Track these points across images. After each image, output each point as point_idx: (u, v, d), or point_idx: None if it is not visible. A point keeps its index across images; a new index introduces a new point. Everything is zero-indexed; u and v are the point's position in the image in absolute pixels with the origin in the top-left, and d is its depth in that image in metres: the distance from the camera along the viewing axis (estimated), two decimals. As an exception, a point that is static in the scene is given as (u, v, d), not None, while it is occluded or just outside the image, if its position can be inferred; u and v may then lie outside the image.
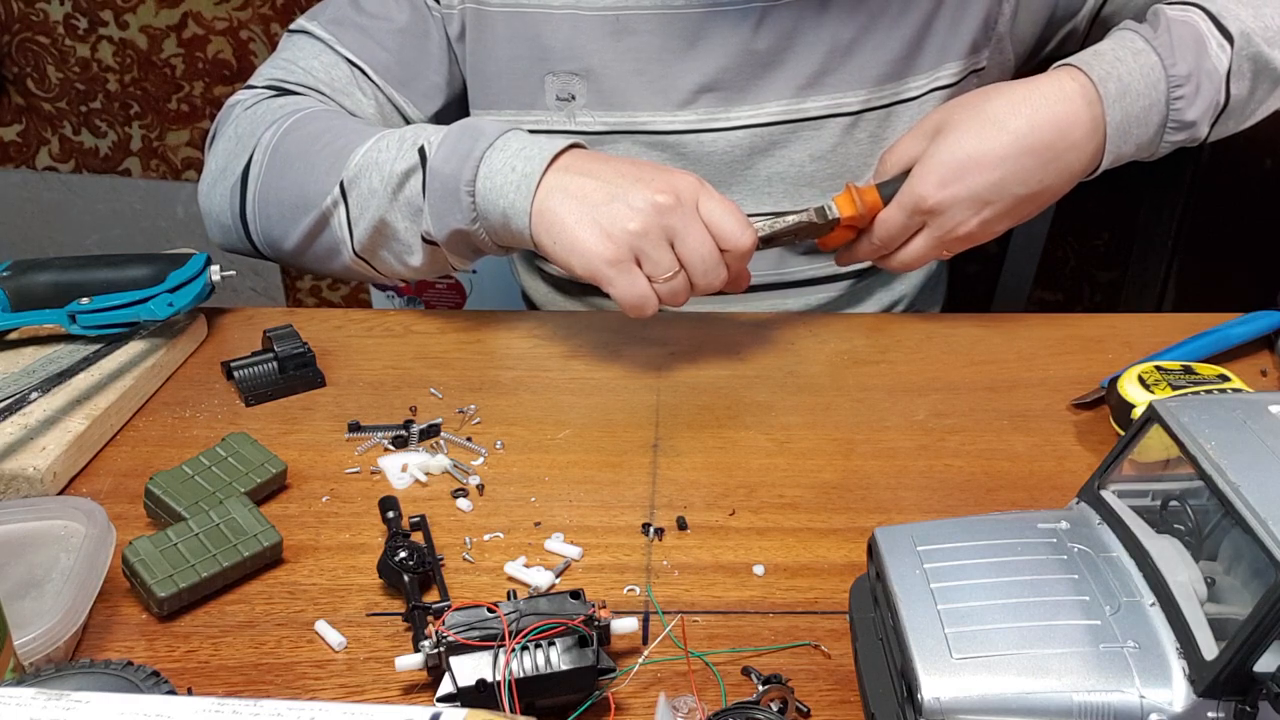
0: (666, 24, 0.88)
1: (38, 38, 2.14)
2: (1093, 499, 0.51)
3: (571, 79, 0.91)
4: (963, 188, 0.77)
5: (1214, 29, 0.81)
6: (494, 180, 0.74)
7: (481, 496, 0.67)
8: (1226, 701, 0.40)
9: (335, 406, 0.77)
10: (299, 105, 0.88)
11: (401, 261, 0.82)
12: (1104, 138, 0.78)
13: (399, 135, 0.79)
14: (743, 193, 0.94)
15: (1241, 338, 0.80)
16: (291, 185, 0.83)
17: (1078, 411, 0.75)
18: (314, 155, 0.82)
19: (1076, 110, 0.77)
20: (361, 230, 0.81)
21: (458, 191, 0.75)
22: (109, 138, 2.23)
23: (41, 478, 0.65)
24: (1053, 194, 0.80)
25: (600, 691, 0.50)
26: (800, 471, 0.69)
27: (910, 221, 0.80)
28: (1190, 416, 0.47)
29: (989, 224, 0.79)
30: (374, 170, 0.78)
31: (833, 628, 0.56)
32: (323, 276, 2.05)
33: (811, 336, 0.85)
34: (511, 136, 0.76)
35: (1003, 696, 0.41)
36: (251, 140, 0.86)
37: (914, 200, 0.79)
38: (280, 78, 0.92)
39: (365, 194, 0.79)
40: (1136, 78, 0.78)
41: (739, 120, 0.91)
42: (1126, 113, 0.78)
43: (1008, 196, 0.78)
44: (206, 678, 0.53)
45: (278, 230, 0.86)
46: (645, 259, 0.71)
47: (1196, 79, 0.79)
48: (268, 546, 0.59)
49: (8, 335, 0.81)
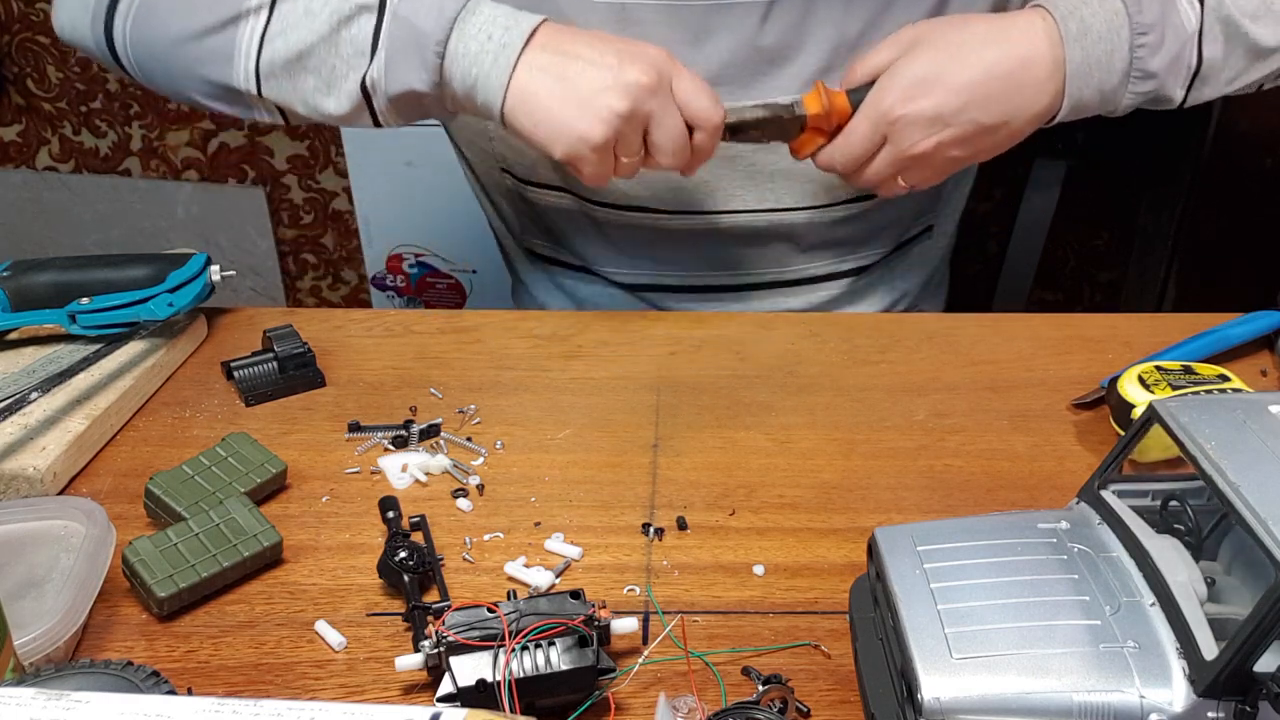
0: (672, 15, 0.88)
1: (38, 38, 2.14)
2: (1093, 499, 0.51)
3: None
4: (926, 104, 0.77)
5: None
6: (468, 45, 0.71)
7: (481, 496, 0.67)
8: (1226, 701, 0.40)
9: (335, 406, 0.77)
10: None
11: (311, 101, 0.75)
12: (1064, 79, 0.78)
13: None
14: (745, 186, 0.94)
15: (1241, 338, 0.80)
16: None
17: (1078, 411, 0.75)
18: None
19: (1040, 48, 0.78)
20: (276, 51, 0.74)
21: (424, 49, 0.71)
22: (109, 138, 2.23)
23: (41, 478, 0.65)
24: (1010, 133, 0.80)
25: (600, 691, 0.50)
26: (800, 471, 0.69)
27: (874, 133, 0.79)
28: (1190, 416, 0.47)
29: (944, 147, 0.79)
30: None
31: (833, 628, 0.56)
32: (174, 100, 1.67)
33: (811, 336, 0.85)
34: (485, 2, 0.73)
35: (1003, 696, 0.41)
36: None
37: (877, 111, 0.78)
38: None
39: (300, 12, 0.72)
40: (1099, 20, 0.78)
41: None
42: (1087, 54, 0.78)
43: (967, 122, 0.78)
44: (206, 678, 0.53)
45: (163, 12, 0.76)
46: (622, 140, 0.72)
47: (1161, 29, 0.78)
48: (268, 546, 0.59)
49: (8, 335, 0.81)
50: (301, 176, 2.21)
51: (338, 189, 2.20)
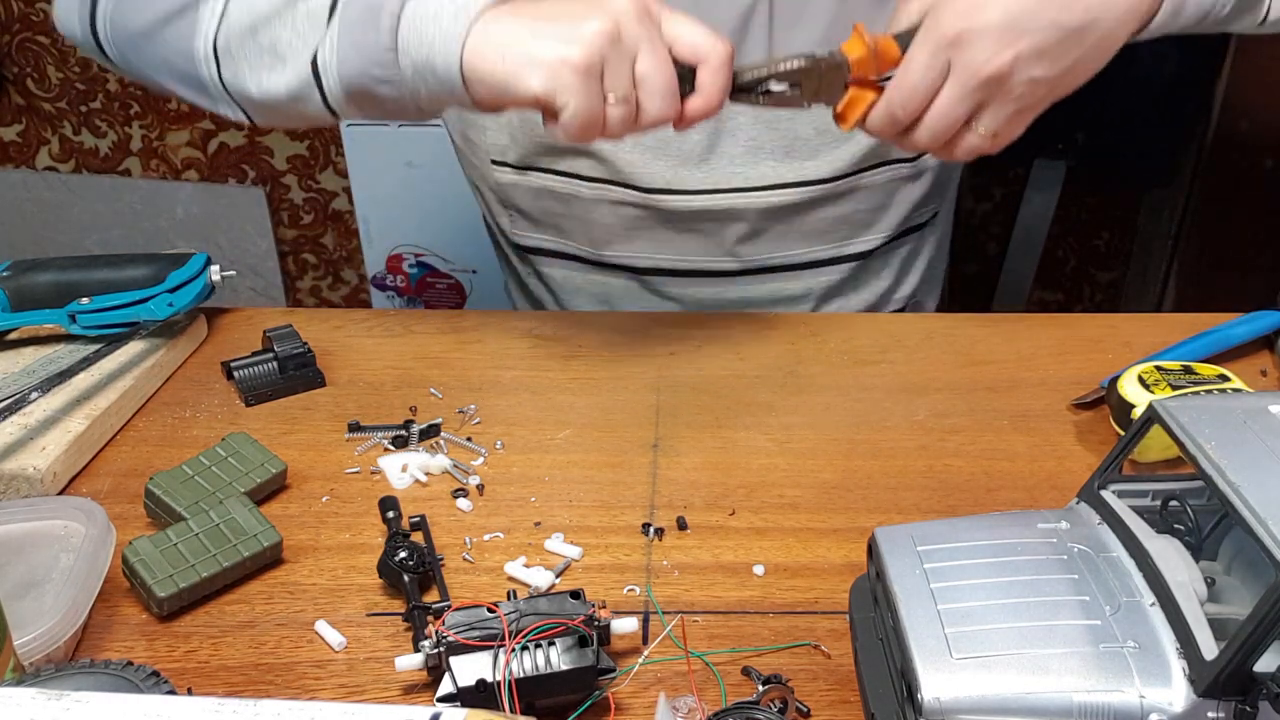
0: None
1: (38, 38, 2.15)
2: (1093, 499, 0.51)
3: None
4: (994, 13, 0.66)
5: None
6: (426, 6, 0.66)
7: (481, 496, 0.67)
8: (1226, 701, 0.40)
9: (335, 406, 0.77)
10: None
11: (256, 79, 0.72)
12: None
13: None
14: (745, 163, 0.92)
15: (1241, 338, 0.80)
16: None
17: (1078, 411, 0.75)
18: None
19: None
20: (231, 26, 0.71)
21: (379, 16, 0.66)
22: (109, 138, 2.23)
23: (41, 478, 0.65)
24: (1101, 38, 0.68)
25: (600, 691, 0.50)
26: (800, 471, 0.69)
27: (935, 59, 0.67)
28: (1190, 416, 0.47)
29: (1024, 63, 0.67)
30: None
31: (833, 628, 0.56)
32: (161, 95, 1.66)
33: (812, 336, 0.85)
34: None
35: (1003, 696, 0.41)
36: None
37: (936, 31, 0.67)
38: None
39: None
40: None
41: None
42: None
43: (1047, 25, 0.67)
44: (206, 678, 0.53)
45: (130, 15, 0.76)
46: (610, 70, 0.63)
47: None
48: (268, 546, 0.59)
49: (8, 335, 0.81)
50: (301, 176, 2.21)
51: (338, 189, 2.20)
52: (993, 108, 0.69)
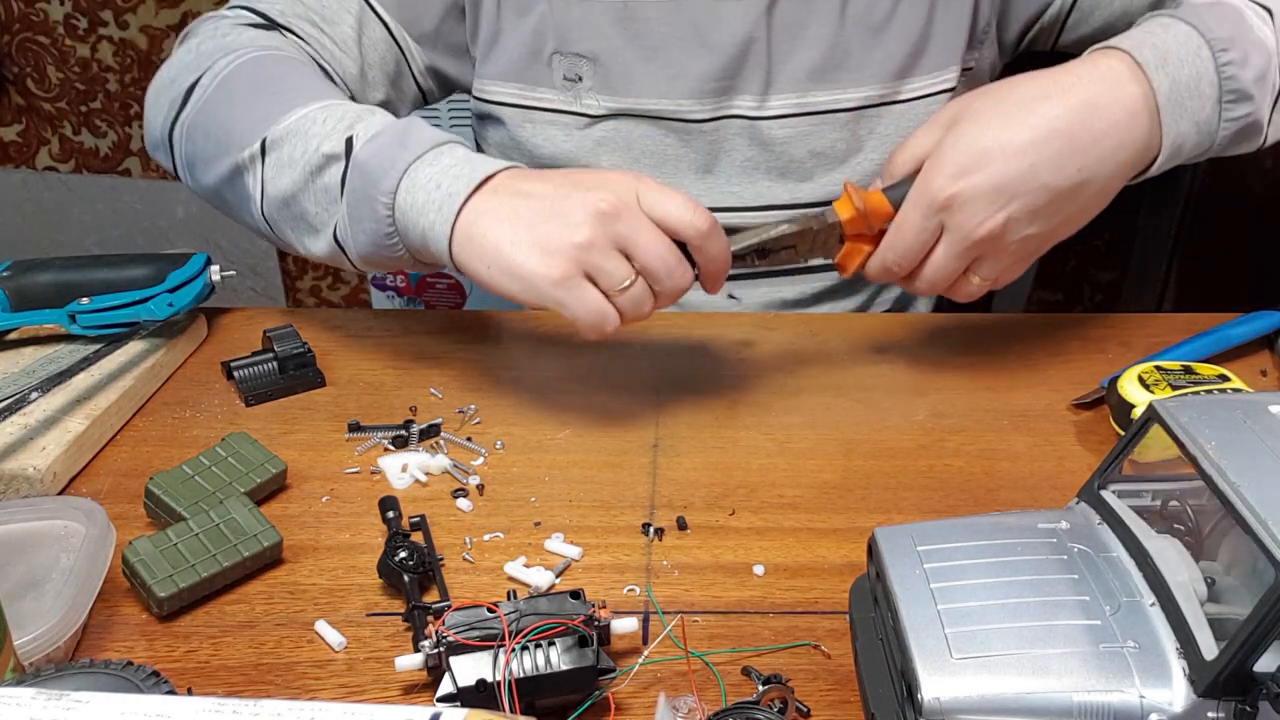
0: (674, 10, 0.88)
1: (38, 38, 2.15)
2: (1093, 499, 0.51)
3: (579, 61, 0.90)
4: (982, 177, 0.67)
5: (1248, 3, 0.73)
6: (415, 196, 0.67)
7: (481, 496, 0.67)
8: (1226, 701, 0.40)
9: (335, 406, 0.77)
10: (268, 44, 0.83)
11: (302, 243, 0.76)
12: (1155, 114, 0.68)
13: (341, 112, 0.73)
14: (741, 183, 0.94)
15: (1241, 338, 0.80)
16: (222, 123, 0.78)
17: (1078, 411, 0.75)
18: (254, 99, 0.77)
19: (1115, 86, 0.68)
20: (271, 196, 0.76)
21: (375, 200, 0.69)
22: (109, 138, 2.23)
23: (41, 478, 0.65)
24: (1096, 193, 0.69)
25: (600, 691, 0.50)
26: (800, 471, 0.69)
27: (927, 223, 0.69)
28: (1190, 416, 0.47)
29: (1016, 224, 0.68)
30: (300, 140, 0.73)
31: (833, 628, 0.56)
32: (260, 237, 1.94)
33: (812, 337, 0.85)
34: (445, 150, 0.69)
35: (1003, 696, 0.41)
36: (208, 62, 0.81)
37: (927, 194, 0.69)
38: (269, 3, 0.87)
39: (284, 161, 0.74)
40: (1173, 45, 0.69)
41: (742, 110, 0.91)
42: (1174, 80, 0.68)
43: (1037, 188, 0.67)
44: (206, 678, 0.53)
45: (199, 164, 0.81)
46: (598, 273, 0.64)
47: (1242, 45, 0.70)
48: (268, 546, 0.59)
49: (8, 335, 0.81)
50: (301, 176, 2.20)
51: (338, 189, 2.20)
52: (989, 261, 0.70)
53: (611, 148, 0.92)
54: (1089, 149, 0.68)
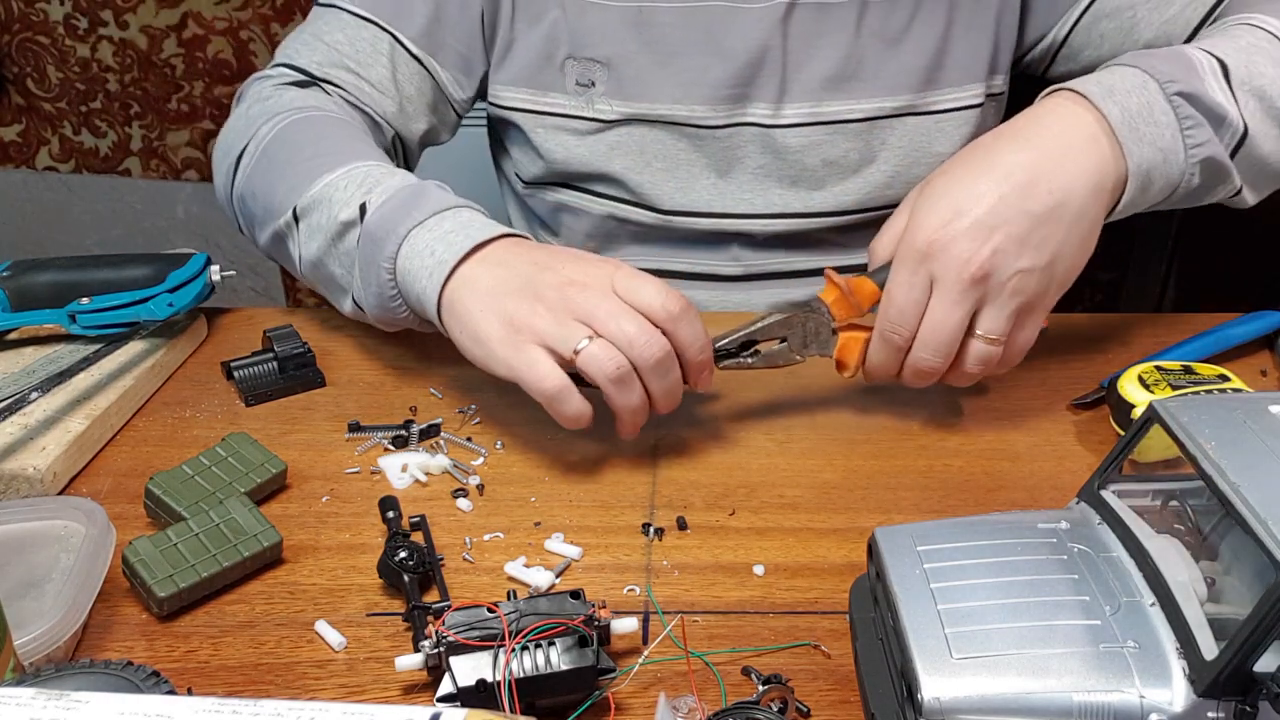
0: (689, 17, 0.89)
1: (38, 38, 2.15)
2: (1093, 499, 0.51)
3: (592, 66, 0.91)
4: (962, 221, 0.66)
5: (1198, 50, 0.74)
6: (412, 261, 0.69)
7: (481, 496, 0.67)
8: (1226, 701, 0.40)
9: (335, 406, 0.77)
10: (305, 104, 0.87)
11: (336, 302, 0.80)
12: (1113, 138, 0.69)
13: (361, 176, 0.76)
14: (753, 189, 0.94)
15: (1241, 338, 0.80)
16: (265, 191, 0.83)
17: (1078, 411, 0.75)
18: (289, 168, 0.81)
19: (1067, 116, 0.70)
20: (305, 261, 0.80)
21: (379, 265, 0.71)
22: (109, 138, 2.23)
23: (41, 478, 0.65)
24: (1076, 213, 0.68)
25: (600, 691, 0.50)
26: (800, 471, 0.69)
27: (915, 276, 0.67)
28: (1190, 416, 0.47)
29: (1006, 255, 0.66)
30: (324, 208, 0.76)
31: (833, 628, 0.56)
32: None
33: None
34: (449, 215, 0.71)
35: (1003, 696, 0.41)
36: (253, 129, 0.86)
37: (910, 248, 0.67)
38: (307, 56, 0.91)
39: (313, 228, 0.77)
40: (1118, 80, 0.70)
41: (755, 118, 0.91)
42: (1124, 108, 0.69)
43: (1014, 215, 0.66)
44: (206, 678, 0.53)
45: (255, 228, 0.86)
46: (553, 340, 0.64)
47: (1189, 80, 0.71)
48: (268, 546, 0.59)
49: (8, 335, 0.81)
50: (301, 176, 2.21)
51: (338, 189, 2.20)
52: (989, 309, 0.67)
53: (624, 152, 0.93)
54: (1054, 172, 0.68)
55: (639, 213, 0.95)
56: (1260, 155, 0.74)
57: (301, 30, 0.94)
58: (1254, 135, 0.73)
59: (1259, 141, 0.73)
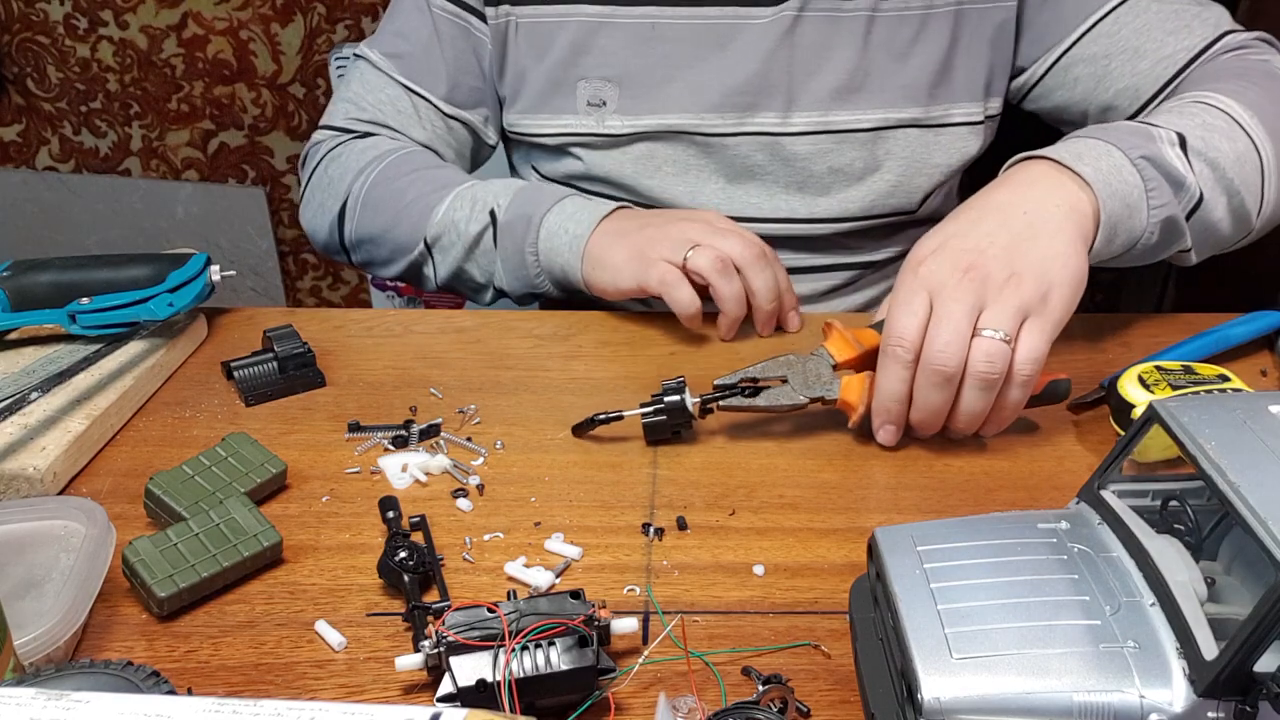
0: (698, 32, 0.92)
1: (38, 38, 2.15)
2: (1093, 499, 0.51)
3: (604, 85, 0.94)
4: (950, 241, 0.69)
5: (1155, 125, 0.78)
6: (551, 242, 0.86)
7: (481, 496, 0.67)
8: (1226, 701, 0.40)
9: (335, 406, 0.77)
10: (378, 150, 0.97)
11: (474, 297, 0.95)
12: (1087, 188, 0.71)
13: (471, 196, 0.90)
14: (760, 195, 0.96)
15: (1241, 338, 0.80)
16: (385, 235, 0.95)
17: (1078, 411, 0.75)
18: (401, 211, 0.93)
19: (1040, 172, 0.73)
20: (444, 273, 0.94)
21: (523, 252, 0.87)
22: (109, 138, 2.23)
23: (41, 478, 0.65)
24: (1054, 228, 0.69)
25: (600, 691, 0.50)
26: (800, 471, 0.69)
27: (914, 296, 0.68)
28: (1190, 416, 0.47)
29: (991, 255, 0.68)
30: (452, 230, 0.91)
31: (833, 628, 0.56)
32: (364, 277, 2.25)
33: (813, 337, 0.85)
34: (567, 201, 0.87)
35: (1003, 696, 0.41)
36: (344, 185, 0.97)
37: (906, 272, 0.70)
38: (355, 116, 1.01)
39: (446, 248, 0.92)
40: (1084, 148, 0.74)
41: (764, 127, 0.93)
42: (1096, 168, 0.72)
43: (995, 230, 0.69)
44: (206, 678, 0.53)
45: (378, 263, 0.99)
46: (670, 254, 0.81)
47: (1148, 147, 0.74)
48: (268, 546, 0.59)
49: (8, 335, 0.81)
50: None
51: (338, 189, 2.20)
52: (989, 309, 0.66)
53: (634, 159, 0.96)
54: (1026, 197, 0.71)
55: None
56: (1211, 221, 0.78)
57: (345, 88, 1.03)
58: (1207, 201, 0.77)
59: (1211, 208, 0.77)
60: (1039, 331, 0.67)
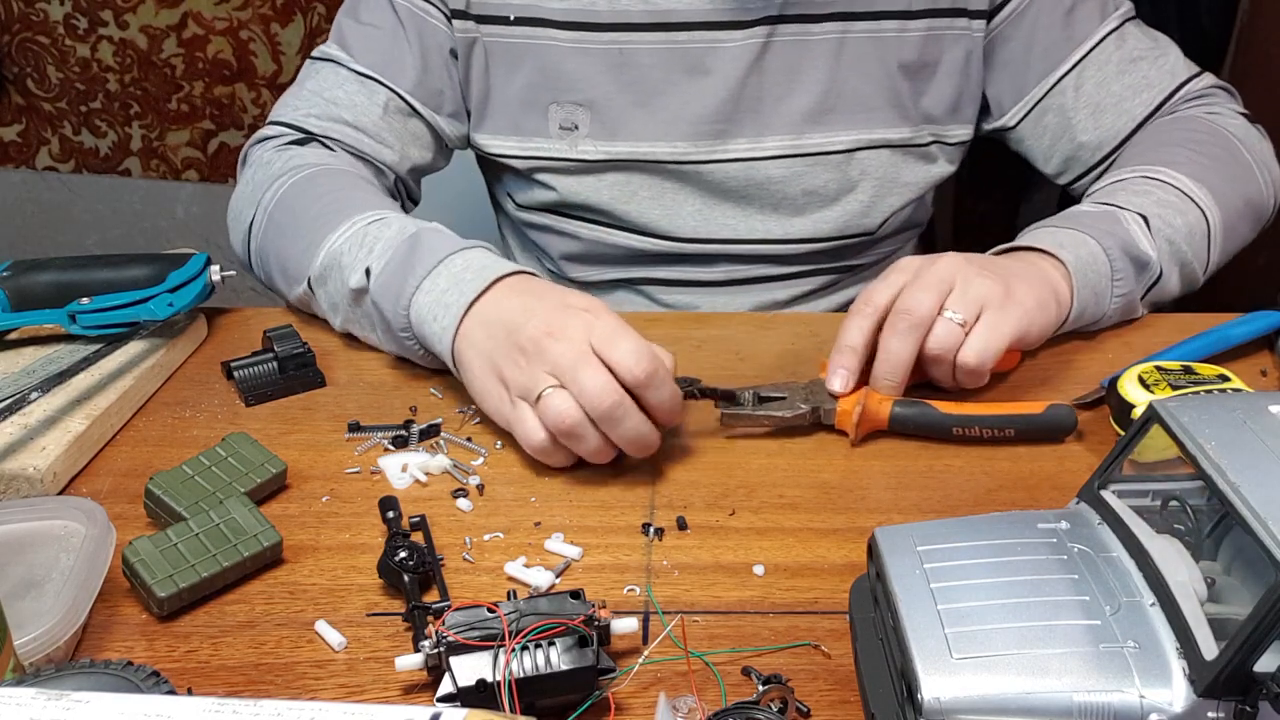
0: (668, 57, 0.91)
1: (38, 38, 2.15)
2: (1093, 499, 0.51)
3: (575, 109, 0.93)
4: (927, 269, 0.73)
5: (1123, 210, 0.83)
6: (423, 329, 0.73)
7: (481, 496, 0.67)
8: (1226, 701, 0.40)
9: (335, 406, 0.77)
10: (304, 162, 0.89)
11: (376, 349, 0.83)
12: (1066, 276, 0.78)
13: (360, 238, 0.78)
14: (736, 216, 0.97)
15: (1241, 338, 0.80)
16: (279, 257, 0.86)
17: (1078, 411, 0.75)
18: (296, 233, 0.84)
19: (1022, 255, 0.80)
20: (336, 322, 0.83)
21: (394, 329, 0.75)
22: (109, 138, 2.23)
23: (41, 478, 0.65)
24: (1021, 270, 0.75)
25: (600, 691, 0.50)
26: (800, 471, 0.69)
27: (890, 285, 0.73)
28: (1190, 416, 0.47)
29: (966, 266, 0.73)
30: (335, 275, 0.80)
31: (833, 628, 0.56)
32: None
33: (812, 336, 0.85)
34: (440, 273, 0.72)
35: (1003, 696, 0.41)
36: (258, 195, 0.89)
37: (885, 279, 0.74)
38: (305, 112, 0.94)
39: (331, 296, 0.81)
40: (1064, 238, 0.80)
41: (737, 153, 0.94)
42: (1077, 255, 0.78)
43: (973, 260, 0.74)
44: (206, 678, 0.53)
45: (279, 287, 0.89)
46: (524, 392, 0.66)
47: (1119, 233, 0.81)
48: (268, 546, 0.59)
49: (8, 335, 0.81)
50: (301, 176, 2.21)
51: (338, 189, 2.20)
52: (954, 295, 0.71)
53: (609, 185, 0.95)
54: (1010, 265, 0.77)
55: (627, 237, 0.98)
56: (1167, 290, 0.86)
57: (299, 87, 0.97)
58: (1165, 276, 0.84)
59: (1166, 279, 0.84)
60: (992, 328, 0.71)
